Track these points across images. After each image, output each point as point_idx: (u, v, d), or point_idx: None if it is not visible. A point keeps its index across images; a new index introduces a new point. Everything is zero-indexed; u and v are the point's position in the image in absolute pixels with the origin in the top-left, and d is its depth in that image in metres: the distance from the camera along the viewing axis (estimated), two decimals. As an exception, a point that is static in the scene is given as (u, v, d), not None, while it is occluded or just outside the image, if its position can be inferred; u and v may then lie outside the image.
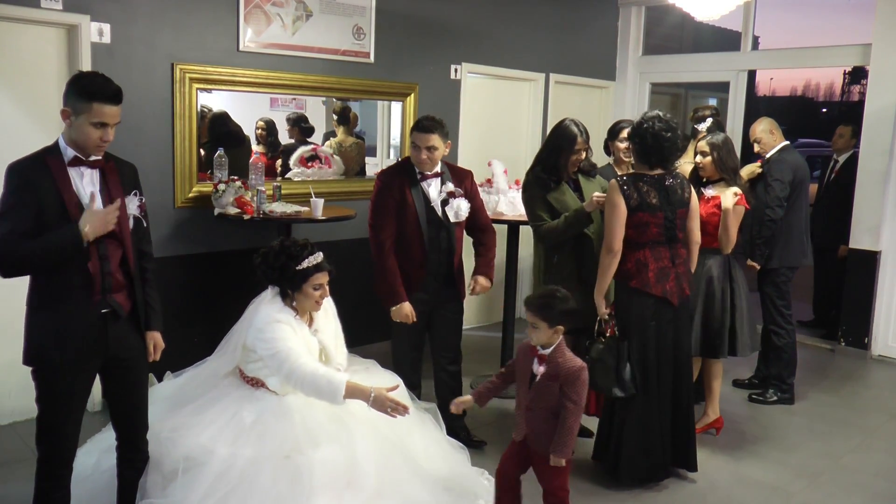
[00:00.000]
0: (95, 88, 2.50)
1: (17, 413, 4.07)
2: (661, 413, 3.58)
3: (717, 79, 6.90)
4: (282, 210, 4.20)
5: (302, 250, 2.96)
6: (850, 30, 9.17)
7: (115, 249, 2.62)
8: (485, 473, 3.45)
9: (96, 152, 2.59)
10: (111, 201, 2.59)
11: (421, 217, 3.75)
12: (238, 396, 2.98)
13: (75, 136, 2.54)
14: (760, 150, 4.87)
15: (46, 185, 2.49)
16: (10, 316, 3.99)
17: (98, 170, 2.61)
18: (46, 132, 4.00)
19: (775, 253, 4.70)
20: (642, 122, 3.53)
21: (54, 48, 3.97)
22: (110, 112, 2.52)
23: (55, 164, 2.53)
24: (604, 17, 7.03)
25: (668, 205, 3.52)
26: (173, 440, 2.82)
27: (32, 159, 2.56)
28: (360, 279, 4.67)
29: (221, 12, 4.46)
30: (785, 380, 4.81)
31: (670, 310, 3.54)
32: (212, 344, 3.19)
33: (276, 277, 2.98)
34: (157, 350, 2.81)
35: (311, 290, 2.97)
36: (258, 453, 2.75)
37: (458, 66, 5.75)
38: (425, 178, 3.81)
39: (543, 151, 3.90)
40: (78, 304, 2.55)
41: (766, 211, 4.61)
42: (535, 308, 2.91)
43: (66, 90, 2.54)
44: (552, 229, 3.76)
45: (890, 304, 5.77)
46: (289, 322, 2.93)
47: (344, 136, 5.38)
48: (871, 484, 3.82)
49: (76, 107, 2.50)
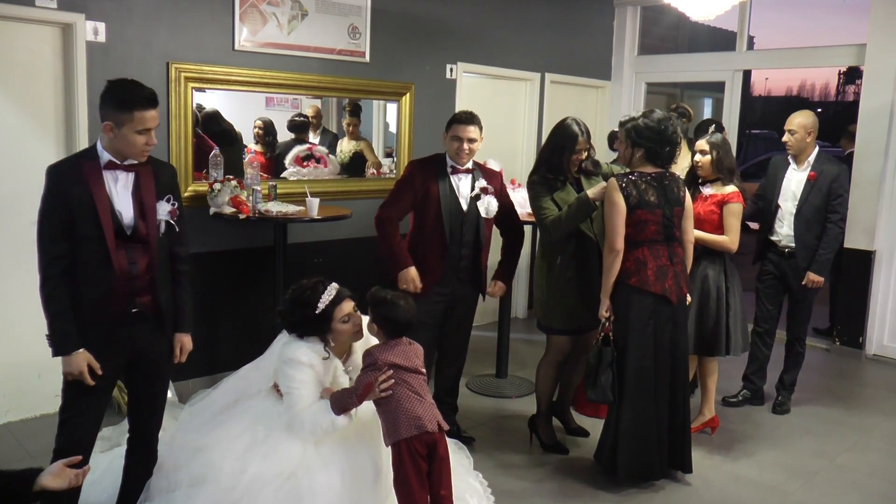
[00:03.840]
0: (133, 97, 2.54)
1: (11, 413, 4.06)
2: (659, 413, 3.58)
3: (713, 79, 6.92)
4: (277, 209, 4.20)
5: (314, 292, 2.84)
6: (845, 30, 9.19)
7: (141, 255, 2.66)
8: (479, 476, 3.45)
9: (141, 157, 2.65)
10: (142, 205, 2.65)
11: (444, 210, 3.78)
12: (259, 411, 2.94)
13: (119, 145, 2.58)
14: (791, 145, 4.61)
15: (78, 191, 2.54)
16: (5, 317, 3.99)
17: (133, 173, 2.65)
18: (41, 131, 4.00)
19: None
20: (659, 122, 3.51)
21: (49, 47, 3.95)
22: (151, 117, 2.58)
23: (90, 168, 2.58)
24: (599, 16, 7.03)
25: (665, 203, 3.52)
26: (189, 453, 2.83)
27: (68, 163, 2.64)
28: (358, 279, 4.66)
29: (217, 11, 4.45)
30: (794, 384, 4.80)
31: (668, 308, 3.54)
32: (209, 343, 3.18)
33: (306, 330, 2.86)
34: (183, 352, 2.84)
35: (341, 324, 2.86)
36: (264, 471, 2.73)
37: (454, 66, 5.75)
38: (457, 172, 3.84)
39: (546, 151, 3.88)
40: (105, 306, 2.61)
41: (840, 223, 4.50)
42: (372, 298, 2.94)
43: (101, 103, 2.58)
44: (557, 220, 3.73)
45: (885, 304, 5.78)
46: (313, 365, 2.83)
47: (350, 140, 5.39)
48: (867, 483, 3.82)
49: (117, 118, 2.53)
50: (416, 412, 2.76)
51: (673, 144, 3.54)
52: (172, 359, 2.84)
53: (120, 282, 2.60)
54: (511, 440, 4.14)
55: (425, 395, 2.86)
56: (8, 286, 3.97)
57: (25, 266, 3.96)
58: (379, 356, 2.83)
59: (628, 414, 3.55)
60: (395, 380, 2.78)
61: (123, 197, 2.62)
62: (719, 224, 4.01)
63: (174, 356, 2.84)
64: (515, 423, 4.35)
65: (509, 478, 3.69)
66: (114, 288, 2.59)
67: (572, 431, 4.21)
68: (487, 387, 4.92)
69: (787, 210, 4.56)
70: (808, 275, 4.48)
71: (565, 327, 3.86)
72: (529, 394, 4.74)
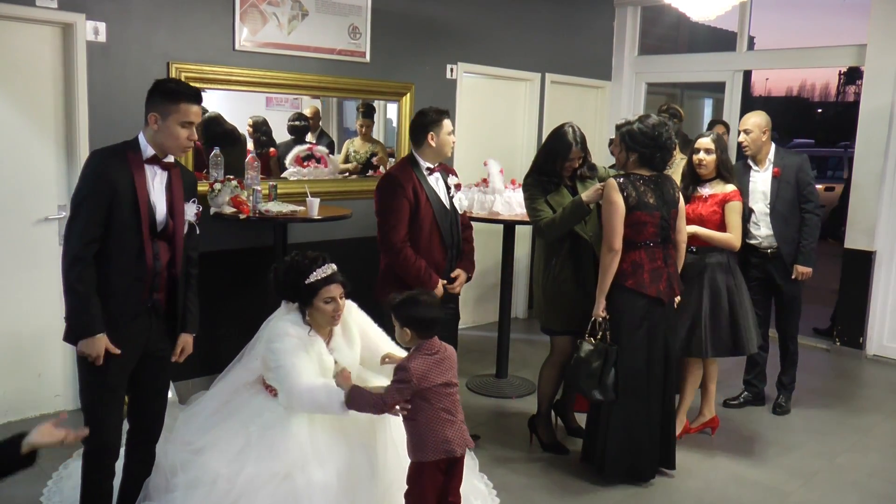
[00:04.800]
0: (181, 89, 2.64)
1: (11, 413, 4.06)
2: (651, 413, 3.60)
3: (713, 79, 6.92)
4: (278, 209, 4.20)
5: (311, 264, 2.88)
6: (846, 30, 9.18)
7: (165, 251, 2.72)
8: (484, 478, 3.45)
9: (182, 153, 2.73)
10: (172, 203, 2.72)
11: (437, 211, 3.78)
12: (253, 409, 2.94)
13: (162, 138, 2.64)
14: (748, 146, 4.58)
15: (123, 180, 2.59)
16: (6, 317, 3.99)
17: (167, 172, 2.72)
18: (41, 131, 4.00)
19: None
20: (654, 128, 3.52)
21: (49, 47, 3.96)
22: (196, 111, 2.65)
23: (134, 159, 2.63)
24: (600, 16, 7.03)
25: (663, 204, 3.54)
26: (185, 456, 2.83)
27: (113, 150, 2.66)
28: (357, 278, 4.65)
29: (217, 11, 4.45)
30: (794, 382, 4.78)
31: (661, 309, 3.57)
32: (209, 343, 3.18)
33: (289, 294, 2.93)
34: (183, 353, 2.87)
35: (323, 304, 2.87)
36: (260, 472, 2.73)
37: (454, 66, 5.75)
38: (432, 171, 3.84)
39: (540, 157, 3.91)
40: (129, 296, 2.65)
41: (816, 211, 4.48)
42: (391, 306, 2.81)
43: (148, 98, 2.66)
44: (551, 222, 3.75)
45: (885, 304, 5.78)
46: (300, 336, 2.86)
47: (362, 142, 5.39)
48: (867, 484, 3.82)
49: (164, 110, 2.61)
50: (445, 435, 2.67)
51: (665, 151, 3.56)
52: (171, 358, 2.86)
53: (148, 274, 2.66)
54: (511, 440, 4.14)
55: (457, 412, 2.75)
56: (8, 286, 3.97)
57: (26, 266, 3.96)
58: (413, 373, 2.65)
59: (620, 414, 3.57)
60: (427, 400, 2.67)
61: (159, 192, 2.69)
62: (721, 223, 4.00)
63: (174, 355, 2.86)
64: (515, 423, 4.35)
65: (510, 478, 3.69)
66: (141, 279, 2.65)
67: (573, 431, 4.21)
68: (487, 387, 4.92)
69: (761, 211, 4.51)
70: (797, 268, 4.48)
71: (565, 328, 3.86)
72: (529, 394, 4.75)
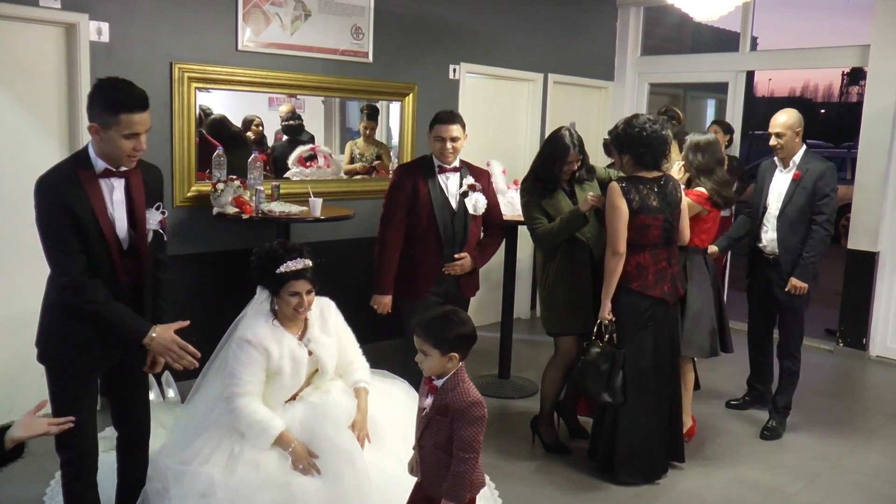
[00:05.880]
0: (120, 99, 2.37)
1: (13, 413, 4.05)
2: (660, 412, 3.61)
3: (716, 79, 6.91)
4: (280, 209, 4.20)
5: (286, 254, 2.83)
6: (849, 31, 9.16)
7: (131, 263, 2.57)
8: (486, 478, 3.43)
9: (129, 163, 2.49)
10: (133, 211, 2.54)
11: (436, 209, 3.80)
12: None
13: (107, 149, 2.43)
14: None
15: (80, 202, 2.40)
16: (6, 317, 3.99)
17: (124, 179, 2.52)
18: (44, 132, 4.01)
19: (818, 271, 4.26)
20: (637, 126, 3.50)
21: (53, 47, 3.96)
22: (140, 120, 2.40)
23: (86, 176, 2.44)
24: (602, 17, 7.03)
25: (667, 207, 3.55)
26: (177, 464, 2.81)
27: (61, 174, 2.45)
28: (360, 279, 4.67)
29: (220, 12, 4.46)
30: (789, 406, 4.40)
31: (664, 309, 3.59)
32: (209, 343, 3.18)
33: (261, 279, 2.92)
34: (156, 364, 2.66)
35: (288, 296, 2.83)
36: (253, 479, 2.70)
37: (457, 66, 5.74)
38: (444, 171, 3.86)
39: (538, 161, 3.93)
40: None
41: (826, 225, 4.13)
42: (424, 331, 2.43)
43: (89, 103, 2.43)
44: (547, 231, 3.79)
45: (888, 305, 5.78)
46: (265, 337, 2.82)
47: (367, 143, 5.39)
48: (870, 485, 3.82)
49: (104, 121, 2.38)
50: (481, 479, 2.52)
51: (652, 146, 3.53)
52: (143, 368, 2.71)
53: (123, 290, 2.54)
54: (513, 441, 4.14)
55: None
56: (9, 286, 3.97)
57: (27, 266, 3.97)
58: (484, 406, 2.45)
59: (627, 415, 3.57)
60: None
61: (119, 206, 2.51)
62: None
63: (146, 365, 2.68)
64: (518, 424, 4.35)
65: (512, 479, 3.69)
66: (117, 296, 2.51)
67: (575, 432, 4.21)
68: (490, 387, 4.91)
69: (772, 213, 4.29)
70: (791, 280, 4.15)
71: (568, 330, 3.87)
72: (532, 395, 4.74)
